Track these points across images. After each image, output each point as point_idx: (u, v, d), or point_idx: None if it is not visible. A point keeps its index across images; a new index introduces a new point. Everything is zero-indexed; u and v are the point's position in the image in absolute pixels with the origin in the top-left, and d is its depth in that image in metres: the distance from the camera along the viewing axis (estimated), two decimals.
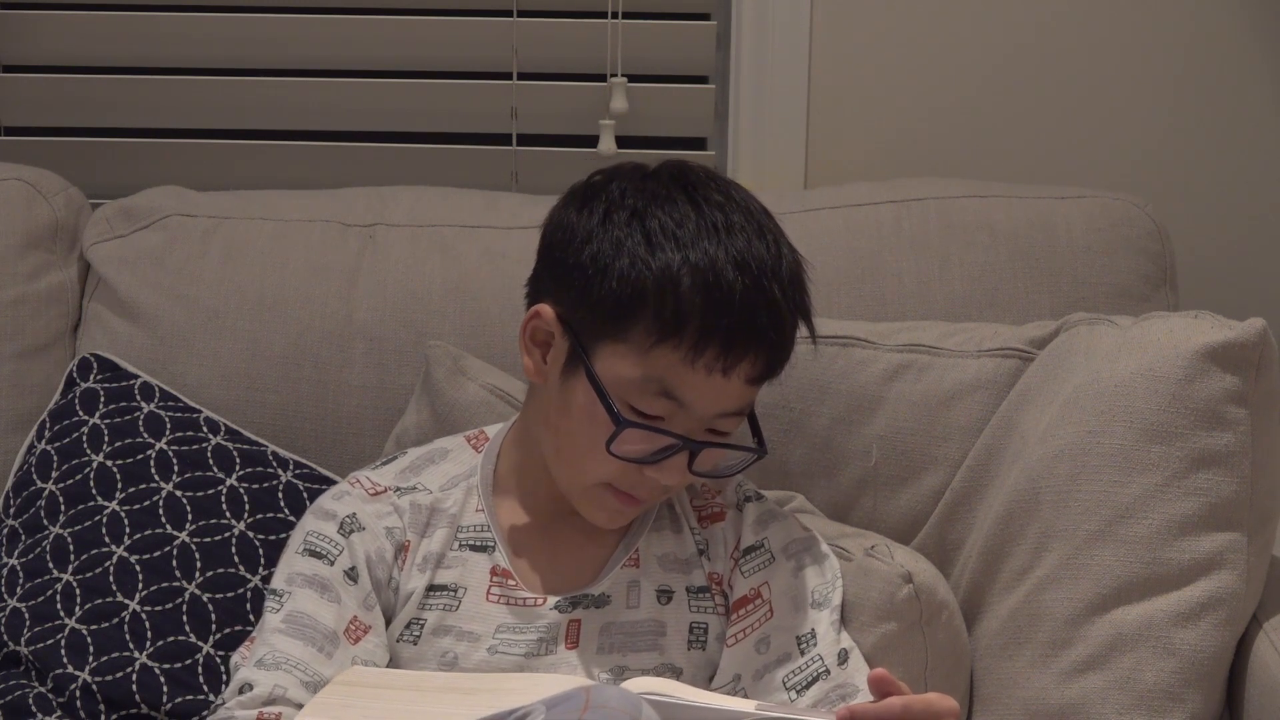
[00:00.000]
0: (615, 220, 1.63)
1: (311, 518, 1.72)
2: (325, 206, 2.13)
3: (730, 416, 1.65)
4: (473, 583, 1.70)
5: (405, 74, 2.36)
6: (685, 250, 1.60)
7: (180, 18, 2.35)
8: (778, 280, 1.62)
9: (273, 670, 1.60)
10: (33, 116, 2.39)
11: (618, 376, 1.62)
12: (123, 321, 2.08)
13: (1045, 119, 2.33)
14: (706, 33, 2.35)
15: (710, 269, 1.59)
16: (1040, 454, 1.78)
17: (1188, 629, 1.71)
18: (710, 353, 1.59)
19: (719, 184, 1.68)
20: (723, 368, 1.60)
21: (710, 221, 1.62)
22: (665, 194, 1.64)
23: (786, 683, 1.68)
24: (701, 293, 1.59)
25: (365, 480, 1.74)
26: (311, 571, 1.67)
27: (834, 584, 1.72)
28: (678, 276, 1.59)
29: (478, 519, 1.72)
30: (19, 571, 1.89)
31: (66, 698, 1.81)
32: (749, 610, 1.71)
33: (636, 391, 1.62)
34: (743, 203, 1.66)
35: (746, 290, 1.59)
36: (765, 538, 1.74)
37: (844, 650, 1.69)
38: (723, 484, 1.78)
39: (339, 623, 1.64)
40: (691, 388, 1.61)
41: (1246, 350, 1.73)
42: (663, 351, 1.60)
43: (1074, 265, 2.03)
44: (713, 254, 1.60)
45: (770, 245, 1.63)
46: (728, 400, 1.63)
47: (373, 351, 2.03)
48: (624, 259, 1.61)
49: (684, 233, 1.61)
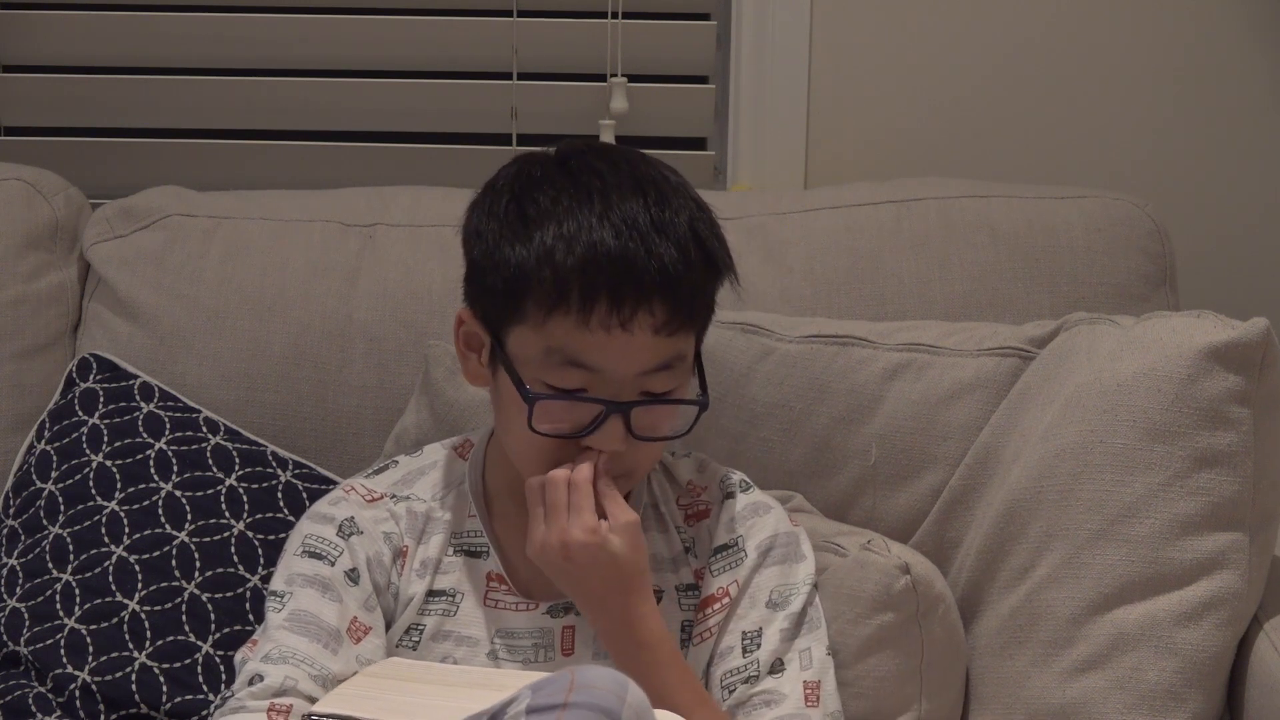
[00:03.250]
0: (497, 212, 1.66)
1: (308, 522, 1.72)
2: (325, 206, 2.13)
3: (656, 373, 1.64)
4: (469, 588, 1.71)
5: (405, 74, 2.36)
6: (561, 223, 1.61)
7: (180, 18, 2.35)
8: (660, 231, 1.61)
9: (280, 664, 1.61)
10: (33, 116, 2.39)
11: (526, 356, 1.63)
12: (123, 321, 2.07)
13: (1045, 119, 2.33)
14: (706, 33, 2.35)
15: (583, 233, 1.60)
16: (1042, 453, 1.78)
17: (1190, 629, 1.71)
18: (599, 311, 1.59)
19: (611, 156, 1.68)
20: (619, 322, 1.59)
21: (586, 191, 1.63)
22: (542, 175, 1.66)
23: (724, 682, 1.69)
24: (577, 257, 1.60)
25: (360, 487, 1.75)
26: (312, 572, 1.67)
27: (798, 588, 1.72)
28: (552, 248, 1.60)
29: (471, 524, 1.73)
30: (18, 571, 1.89)
31: (66, 698, 1.81)
32: (713, 610, 1.71)
33: (545, 366, 1.62)
34: (630, 169, 1.66)
35: (623, 245, 1.60)
36: (740, 535, 1.74)
37: (781, 660, 1.69)
38: (709, 480, 1.78)
39: (341, 621, 1.64)
40: (595, 350, 1.61)
41: (1250, 350, 1.73)
42: (556, 321, 1.60)
43: (1074, 265, 2.03)
44: (585, 220, 1.61)
45: (653, 203, 1.63)
46: (641, 356, 1.62)
47: (373, 351, 2.03)
48: (506, 246, 1.63)
49: (559, 208, 1.62)
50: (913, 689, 1.75)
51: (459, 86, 2.36)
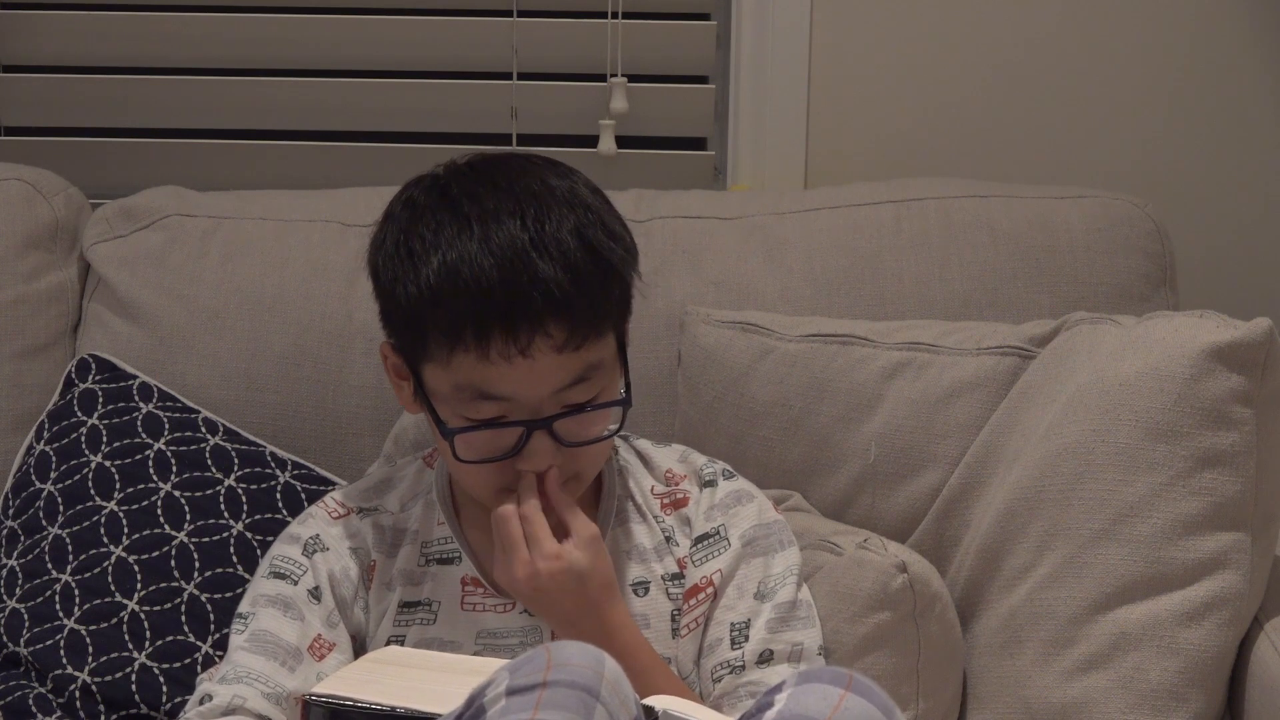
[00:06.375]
0: (387, 248, 1.66)
1: (278, 544, 1.74)
2: (325, 206, 2.13)
3: (572, 387, 1.64)
4: (445, 595, 1.71)
5: (405, 74, 2.36)
6: (444, 255, 1.60)
7: (180, 18, 2.35)
8: (542, 250, 1.60)
9: (233, 684, 1.63)
10: (33, 116, 2.39)
11: (441, 392, 1.64)
12: (123, 321, 2.07)
13: (1045, 119, 2.33)
14: (706, 33, 2.35)
15: (463, 265, 1.59)
16: (1043, 452, 1.78)
17: (1192, 629, 1.71)
18: (496, 344, 1.59)
19: (492, 175, 1.67)
20: (518, 350, 1.59)
21: (465, 219, 1.62)
22: (425, 203, 1.66)
23: (714, 675, 1.69)
24: (462, 292, 1.59)
25: (329, 503, 1.76)
26: (275, 592, 1.69)
27: (784, 578, 1.72)
28: (439, 286, 1.60)
29: (440, 532, 1.74)
30: (18, 572, 1.89)
31: (66, 698, 1.81)
32: (698, 601, 1.72)
33: (460, 401, 1.63)
34: (510, 186, 1.65)
35: (505, 273, 1.59)
36: (722, 524, 1.74)
37: (769, 650, 1.68)
38: (688, 469, 1.78)
39: (302, 640, 1.66)
40: (501, 381, 1.61)
41: (1252, 350, 1.73)
42: (459, 359, 1.61)
43: (1074, 265, 2.03)
44: (465, 250, 1.60)
45: (531, 220, 1.61)
46: (550, 377, 1.62)
47: (372, 351, 2.02)
48: (399, 286, 1.63)
49: (441, 239, 1.61)
50: (909, 688, 1.75)
51: (459, 86, 2.36)
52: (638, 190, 2.14)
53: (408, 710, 1.42)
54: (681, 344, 2.00)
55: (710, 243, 2.06)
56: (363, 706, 1.44)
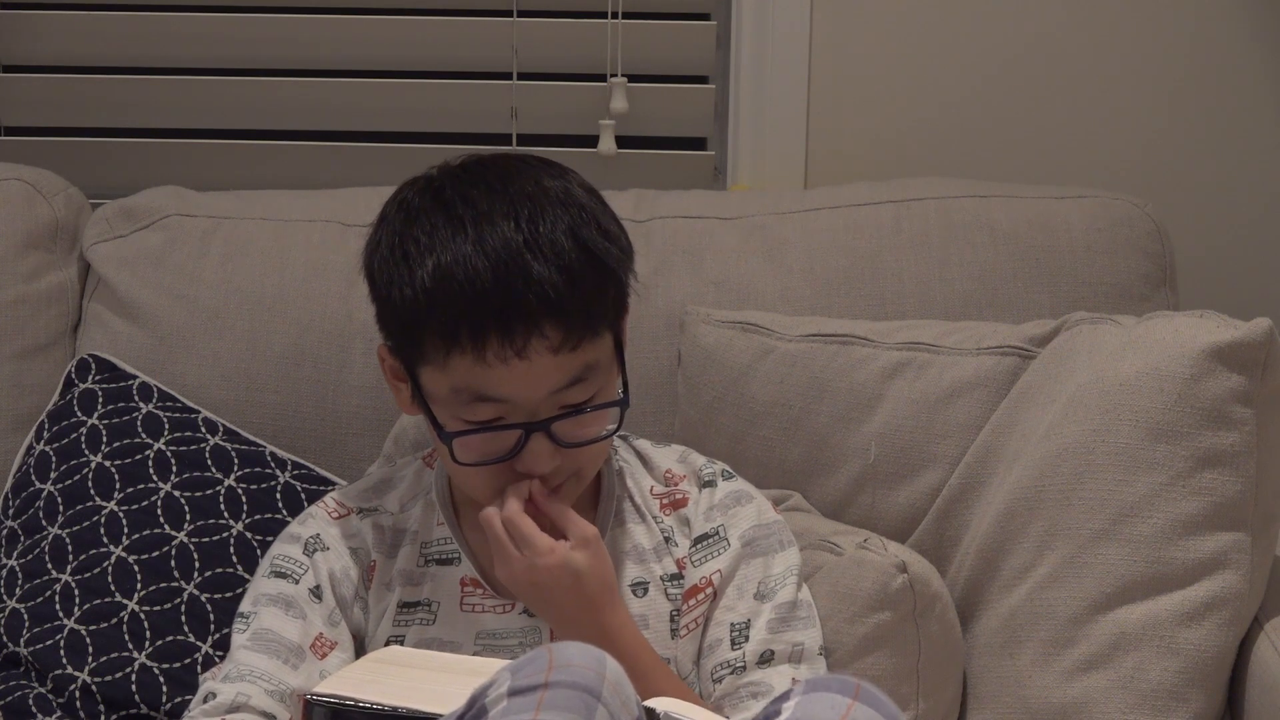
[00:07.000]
0: (382, 251, 1.66)
1: (278, 543, 1.74)
2: (325, 206, 2.13)
3: (569, 388, 1.64)
4: (444, 596, 1.71)
5: (405, 74, 2.36)
6: (439, 258, 1.60)
7: (180, 18, 2.35)
8: (536, 251, 1.60)
9: (237, 682, 1.63)
10: (33, 116, 2.39)
11: (439, 395, 1.64)
12: (122, 321, 2.08)
13: (1045, 119, 2.33)
14: (706, 33, 2.35)
15: (458, 268, 1.59)
16: (1044, 452, 1.78)
17: (1192, 629, 1.71)
18: (492, 345, 1.59)
19: (485, 176, 1.67)
20: (514, 351, 1.59)
21: (459, 221, 1.62)
22: (419, 205, 1.66)
23: (714, 675, 1.69)
24: (457, 295, 1.59)
25: (329, 503, 1.76)
26: (276, 591, 1.69)
27: (784, 578, 1.72)
28: (434, 289, 1.60)
29: (440, 532, 1.74)
30: (18, 572, 1.89)
31: (66, 698, 1.81)
32: (697, 601, 1.72)
33: (457, 404, 1.63)
34: (504, 186, 1.65)
35: (499, 275, 1.59)
36: (721, 525, 1.74)
37: (770, 651, 1.68)
38: (688, 470, 1.78)
39: (304, 638, 1.67)
40: (498, 383, 1.61)
41: (1253, 350, 1.73)
42: (455, 361, 1.61)
43: (1074, 265, 2.03)
44: (460, 252, 1.60)
45: (525, 221, 1.61)
46: (547, 378, 1.62)
47: (372, 352, 2.02)
48: (395, 289, 1.63)
49: (435, 241, 1.62)
50: (909, 688, 1.75)
51: (459, 86, 2.36)
52: (638, 190, 2.14)
53: (409, 710, 1.43)
54: (681, 344, 2.00)
55: (710, 243, 2.06)
56: (364, 706, 1.44)
